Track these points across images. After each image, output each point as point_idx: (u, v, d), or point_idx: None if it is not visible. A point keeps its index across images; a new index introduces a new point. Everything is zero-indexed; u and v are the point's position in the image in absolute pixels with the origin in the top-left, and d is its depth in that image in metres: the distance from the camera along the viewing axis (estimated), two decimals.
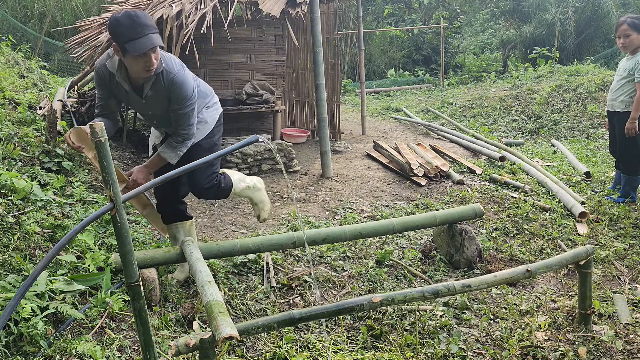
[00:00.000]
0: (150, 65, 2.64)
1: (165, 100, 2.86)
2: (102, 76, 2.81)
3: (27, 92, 6.08)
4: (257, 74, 6.96)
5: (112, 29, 2.59)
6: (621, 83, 4.61)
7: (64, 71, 13.31)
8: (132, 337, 2.59)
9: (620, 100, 4.63)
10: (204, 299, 2.27)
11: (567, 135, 8.34)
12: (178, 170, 2.10)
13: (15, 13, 14.00)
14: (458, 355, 2.72)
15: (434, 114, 10.00)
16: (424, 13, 16.89)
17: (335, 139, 7.34)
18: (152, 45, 2.56)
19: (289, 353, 2.62)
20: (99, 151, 1.76)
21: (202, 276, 2.49)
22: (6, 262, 2.72)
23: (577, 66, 11.21)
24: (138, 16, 2.56)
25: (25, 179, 3.52)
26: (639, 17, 4.52)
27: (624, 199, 4.77)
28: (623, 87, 4.60)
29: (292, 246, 3.27)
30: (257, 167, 5.78)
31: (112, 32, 2.60)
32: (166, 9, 5.30)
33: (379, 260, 3.73)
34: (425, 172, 5.55)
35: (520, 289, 3.53)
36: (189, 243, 2.97)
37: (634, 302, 3.31)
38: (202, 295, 2.32)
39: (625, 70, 4.56)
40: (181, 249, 2.88)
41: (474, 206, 3.85)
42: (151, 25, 2.60)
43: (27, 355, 2.30)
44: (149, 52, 2.59)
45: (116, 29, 2.56)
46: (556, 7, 13.89)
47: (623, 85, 4.59)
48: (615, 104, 4.68)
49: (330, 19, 7.41)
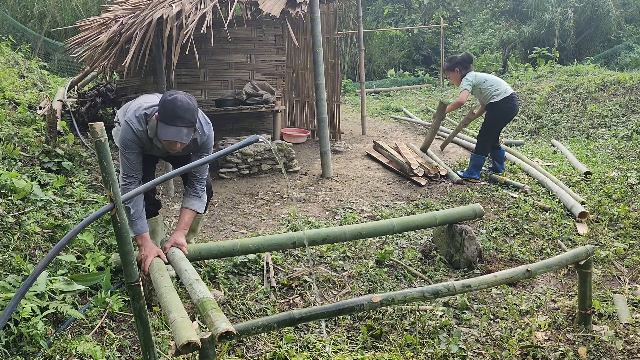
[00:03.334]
0: (172, 149, 2.86)
1: (191, 153, 3.10)
2: (140, 139, 2.92)
3: (27, 92, 6.08)
4: (257, 74, 6.96)
5: (160, 104, 2.78)
6: None
7: (64, 71, 13.31)
8: (132, 337, 2.59)
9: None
10: (194, 297, 2.27)
11: (567, 135, 8.34)
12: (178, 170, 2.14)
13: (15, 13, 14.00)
14: (458, 355, 2.72)
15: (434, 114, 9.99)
16: (423, 13, 16.89)
17: (335, 139, 7.34)
18: (174, 139, 2.74)
19: (289, 353, 2.62)
20: (99, 151, 1.75)
21: (189, 275, 2.48)
22: (6, 262, 2.72)
23: (577, 66, 11.21)
24: (181, 107, 2.72)
25: (25, 179, 3.52)
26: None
27: (468, 174, 5.48)
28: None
29: (292, 246, 3.27)
30: (257, 167, 5.77)
31: (160, 106, 2.79)
32: (166, 9, 5.30)
33: (379, 260, 3.73)
34: (425, 172, 5.55)
35: (520, 289, 3.53)
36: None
37: (634, 302, 3.31)
38: (191, 293, 2.31)
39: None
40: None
41: (474, 206, 3.85)
42: (187, 119, 2.74)
43: (27, 355, 2.30)
44: (173, 141, 2.76)
45: (162, 107, 2.76)
46: (556, 7, 13.89)
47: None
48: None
49: (330, 19, 7.41)
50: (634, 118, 8.17)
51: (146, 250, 2.80)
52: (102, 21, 6.07)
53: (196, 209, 3.12)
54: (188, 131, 2.76)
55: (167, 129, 2.72)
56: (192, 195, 3.13)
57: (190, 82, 6.77)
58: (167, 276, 2.54)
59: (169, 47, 5.30)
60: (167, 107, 2.72)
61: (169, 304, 2.21)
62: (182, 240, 2.94)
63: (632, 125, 7.82)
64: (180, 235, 2.97)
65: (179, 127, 2.72)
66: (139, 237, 2.85)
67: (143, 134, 2.91)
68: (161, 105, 2.76)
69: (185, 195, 3.16)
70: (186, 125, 2.74)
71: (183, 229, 3.03)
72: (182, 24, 5.25)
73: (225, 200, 5.02)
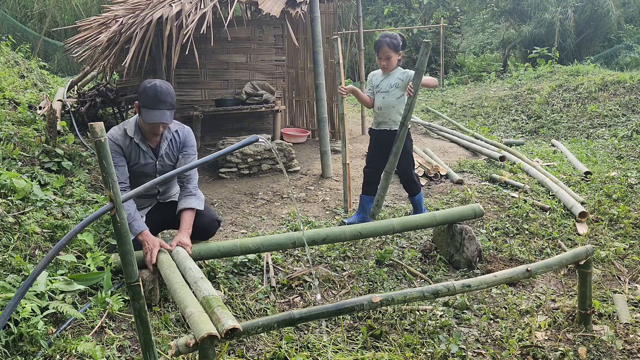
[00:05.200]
0: (156, 132, 3.07)
1: (177, 154, 3.24)
2: (121, 143, 3.08)
3: (27, 92, 6.08)
4: (257, 74, 6.96)
5: (140, 91, 3.00)
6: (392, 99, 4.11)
7: (64, 71, 13.31)
8: (132, 337, 2.59)
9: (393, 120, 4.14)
10: (199, 295, 2.28)
11: (567, 135, 8.34)
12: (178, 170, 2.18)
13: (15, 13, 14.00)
14: (458, 355, 2.72)
15: (434, 114, 9.99)
16: (423, 13, 16.88)
17: (335, 138, 7.34)
18: (160, 120, 2.96)
19: (288, 353, 2.62)
20: (98, 151, 1.75)
21: (193, 273, 2.50)
22: (6, 262, 2.72)
23: (577, 66, 11.22)
24: (162, 91, 2.95)
25: (25, 179, 3.52)
26: (396, 37, 4.12)
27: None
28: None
29: (292, 246, 3.27)
30: (257, 167, 5.78)
31: (139, 93, 3.00)
32: (166, 9, 5.30)
33: (378, 260, 3.73)
34: (425, 172, 5.55)
35: (520, 289, 3.53)
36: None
37: (634, 302, 3.31)
38: (196, 291, 2.32)
39: (391, 86, 4.12)
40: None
41: (474, 206, 3.85)
42: (168, 102, 2.97)
43: (27, 355, 2.30)
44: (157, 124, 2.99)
45: (142, 93, 2.97)
46: (556, 7, 13.89)
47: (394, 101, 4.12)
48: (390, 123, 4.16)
49: (330, 19, 7.41)
50: (634, 118, 8.18)
51: (150, 244, 2.88)
52: (102, 21, 6.08)
53: (195, 206, 3.15)
54: (170, 113, 2.99)
55: (151, 113, 2.94)
56: (187, 196, 3.18)
57: (190, 82, 6.77)
58: (178, 273, 2.56)
59: (169, 47, 5.30)
60: (148, 93, 2.92)
61: (184, 299, 2.24)
62: (186, 240, 2.98)
63: (632, 125, 7.82)
64: (184, 236, 3.00)
65: (162, 110, 2.94)
66: (139, 236, 2.91)
67: (122, 137, 3.08)
68: (142, 93, 2.95)
69: (180, 198, 3.21)
70: (168, 108, 2.97)
71: (186, 229, 3.06)
72: (182, 23, 5.25)
73: (225, 200, 5.02)
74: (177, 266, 2.69)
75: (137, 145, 3.11)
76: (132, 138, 3.09)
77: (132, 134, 3.09)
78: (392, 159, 3.96)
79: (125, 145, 3.08)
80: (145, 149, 3.13)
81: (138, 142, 3.11)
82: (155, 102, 2.92)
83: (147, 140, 3.14)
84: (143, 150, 3.13)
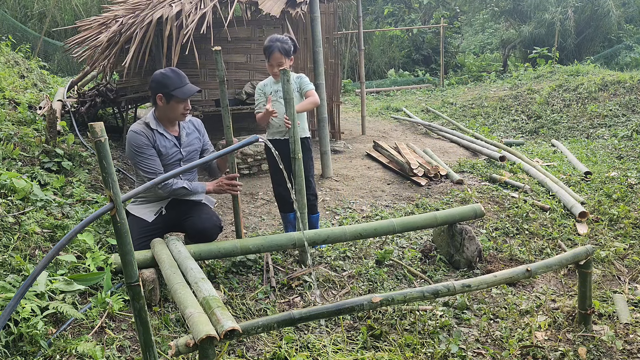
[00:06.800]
0: (187, 107, 3.23)
1: (197, 142, 3.41)
2: (149, 136, 3.19)
3: (27, 92, 6.08)
4: (257, 74, 6.96)
5: (161, 80, 3.12)
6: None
7: (64, 71, 13.32)
8: (132, 337, 2.59)
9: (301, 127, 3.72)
10: (200, 296, 2.28)
11: (567, 135, 8.34)
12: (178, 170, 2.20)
13: (15, 13, 14.00)
14: (458, 355, 2.72)
15: (434, 114, 9.99)
16: (423, 13, 16.89)
17: (335, 139, 7.34)
18: (194, 91, 3.16)
19: (288, 353, 2.62)
20: (98, 151, 1.75)
21: (194, 273, 2.50)
22: (6, 262, 2.72)
23: (577, 66, 11.22)
24: (175, 71, 3.18)
25: (25, 179, 3.52)
26: (287, 41, 3.70)
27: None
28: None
29: (293, 247, 3.27)
30: (257, 167, 5.77)
31: (161, 82, 3.12)
32: (166, 9, 5.30)
33: (379, 260, 3.72)
34: (425, 172, 5.55)
35: (520, 289, 3.52)
36: (175, 241, 2.99)
37: (634, 302, 3.31)
38: (197, 292, 2.32)
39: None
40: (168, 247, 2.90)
41: (474, 206, 3.84)
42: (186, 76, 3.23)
43: (27, 355, 2.30)
44: (188, 98, 3.17)
45: (165, 80, 3.11)
46: (556, 7, 13.89)
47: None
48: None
49: (330, 19, 7.41)
50: (634, 118, 8.18)
51: (220, 182, 3.32)
52: (102, 21, 6.08)
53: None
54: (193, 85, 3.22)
55: (184, 88, 3.12)
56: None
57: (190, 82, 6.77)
58: (179, 273, 2.57)
59: (168, 47, 5.30)
60: (170, 76, 3.11)
61: (184, 300, 2.25)
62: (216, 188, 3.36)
63: (632, 125, 7.82)
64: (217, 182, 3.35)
65: (188, 83, 3.17)
66: (208, 191, 3.32)
67: (147, 130, 3.18)
68: (163, 79, 3.11)
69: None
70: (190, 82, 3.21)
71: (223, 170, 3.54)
72: (182, 24, 5.25)
73: (225, 200, 5.02)
74: (179, 266, 2.69)
75: (162, 135, 3.24)
76: (156, 130, 3.22)
77: (155, 127, 3.22)
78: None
79: (152, 138, 3.19)
80: (170, 137, 3.27)
81: (162, 132, 3.24)
82: (181, 78, 3.13)
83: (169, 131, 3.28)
84: (168, 139, 3.26)
